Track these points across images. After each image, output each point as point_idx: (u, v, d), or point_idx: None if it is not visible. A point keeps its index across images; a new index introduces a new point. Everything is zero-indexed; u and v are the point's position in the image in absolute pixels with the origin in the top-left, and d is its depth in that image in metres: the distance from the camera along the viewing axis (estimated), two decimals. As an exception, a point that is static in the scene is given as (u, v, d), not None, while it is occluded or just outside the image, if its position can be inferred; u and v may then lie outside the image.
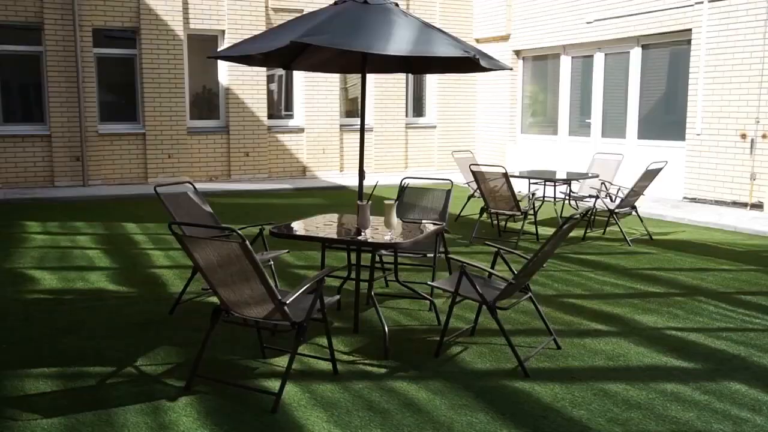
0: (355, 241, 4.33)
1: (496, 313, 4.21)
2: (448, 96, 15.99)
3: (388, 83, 15.19)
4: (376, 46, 3.95)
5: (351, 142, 15.05)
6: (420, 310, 5.46)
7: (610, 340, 4.78)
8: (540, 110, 14.86)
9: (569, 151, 13.84)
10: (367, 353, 4.47)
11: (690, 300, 5.78)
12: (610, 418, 3.57)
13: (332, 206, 11.06)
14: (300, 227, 4.85)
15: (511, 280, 4.21)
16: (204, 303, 5.57)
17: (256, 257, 3.48)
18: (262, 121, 13.99)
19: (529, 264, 4.29)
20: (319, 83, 14.47)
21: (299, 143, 14.51)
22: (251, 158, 13.99)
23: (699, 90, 10.88)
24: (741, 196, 10.42)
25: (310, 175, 14.63)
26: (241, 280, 3.63)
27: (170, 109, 13.20)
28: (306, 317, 3.76)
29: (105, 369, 4.17)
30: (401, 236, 4.52)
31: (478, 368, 4.24)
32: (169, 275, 6.49)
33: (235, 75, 13.63)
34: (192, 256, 3.67)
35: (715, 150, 10.73)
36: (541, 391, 3.89)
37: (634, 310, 5.50)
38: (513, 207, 8.17)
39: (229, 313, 3.92)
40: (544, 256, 4.25)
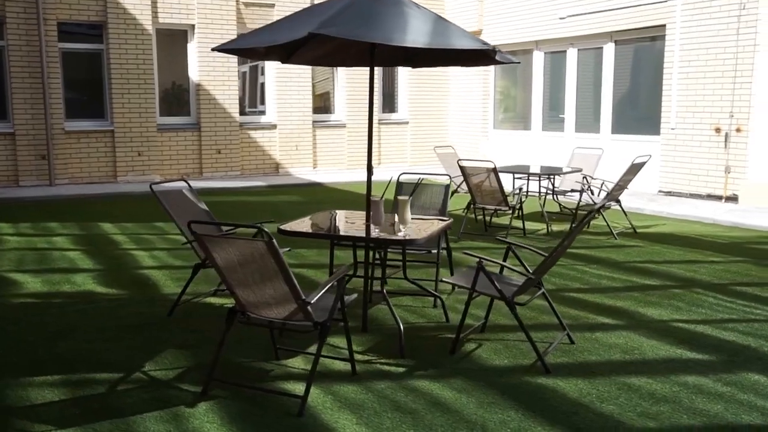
0: (376, 238, 4.22)
1: (515, 309, 4.16)
2: (420, 91, 15.95)
3: (360, 78, 15.08)
4: (394, 37, 3.85)
5: (323, 139, 14.89)
6: (424, 307, 5.38)
7: (621, 333, 4.77)
8: (512, 106, 14.93)
9: (542, 146, 13.92)
10: (381, 352, 4.38)
11: (688, 292, 5.83)
12: (641, 412, 3.54)
13: (310, 203, 10.91)
14: (307, 225, 4.73)
15: (530, 274, 4.16)
16: (202, 304, 5.40)
17: (282, 256, 3.35)
18: (234, 118, 13.73)
19: (548, 259, 4.25)
20: (291, 78, 14.28)
21: (272, 140, 14.29)
22: (223, 155, 13.73)
23: (673, 85, 11.04)
24: (716, 189, 10.61)
25: (283, 172, 14.43)
26: (264, 280, 3.50)
27: (139, 106, 12.86)
28: (329, 317, 3.65)
29: (111, 375, 3.99)
30: (414, 232, 4.44)
31: (496, 365, 4.19)
32: (158, 276, 6.29)
33: (205, 71, 13.35)
34: (210, 255, 3.52)
35: (690, 144, 10.90)
36: (565, 387, 3.85)
37: (636, 303, 5.51)
38: (501, 202, 8.15)
39: (245, 314, 3.78)
40: (563, 251, 4.21)
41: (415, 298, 5.57)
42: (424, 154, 16.11)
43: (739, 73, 10.15)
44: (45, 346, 4.46)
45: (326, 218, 5.01)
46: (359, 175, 14.50)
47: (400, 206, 4.32)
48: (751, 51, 9.99)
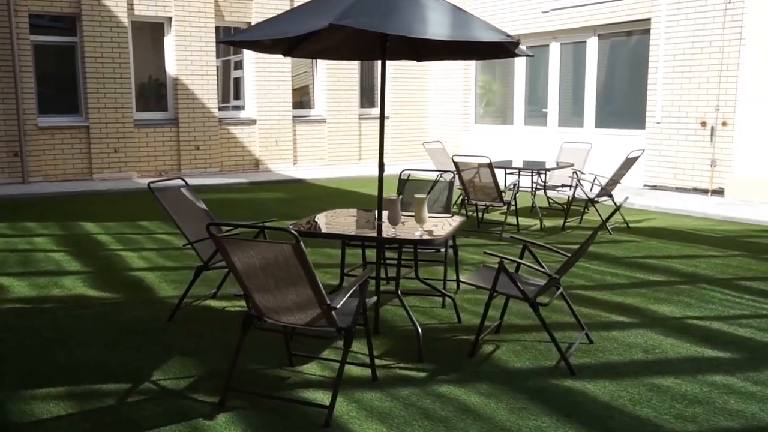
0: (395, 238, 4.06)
1: (538, 310, 4.04)
2: (401, 86, 15.80)
3: (341, 72, 14.87)
4: (415, 29, 3.69)
5: (303, 134, 14.66)
6: (432, 307, 5.24)
7: (638, 332, 4.69)
8: (494, 100, 14.86)
9: (525, 141, 13.88)
10: (398, 356, 4.22)
11: (695, 288, 5.78)
12: (677, 414, 3.45)
13: (296, 200, 10.70)
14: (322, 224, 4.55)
15: (554, 274, 4.04)
16: (202, 308, 5.19)
17: (309, 259, 3.17)
18: (213, 113, 13.43)
19: (571, 258, 4.13)
20: (271, 73, 14.01)
21: (251, 135, 14.01)
22: (202, 151, 13.42)
23: (658, 79, 11.05)
24: (702, 183, 10.66)
25: (263, 168, 14.17)
26: (287, 285, 3.32)
27: (115, 101, 12.48)
28: (353, 322, 3.48)
29: (118, 385, 3.77)
30: (432, 231, 4.29)
31: (518, 367, 4.06)
32: (151, 278, 6.04)
33: (183, 64, 13.02)
34: (229, 259, 3.33)
35: (676, 138, 10.93)
36: (594, 390, 3.74)
37: (646, 299, 5.44)
38: (495, 198, 8.05)
39: (261, 319, 3.60)
40: (586, 249, 4.10)
41: (422, 298, 5.43)
42: (404, 150, 15.97)
43: (725, 66, 10.19)
44: (43, 355, 4.21)
45: (336, 217, 4.84)
46: (340, 170, 14.31)
47: (417, 205, 4.16)
48: (737, 45, 10.03)
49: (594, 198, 8.28)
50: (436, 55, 5.07)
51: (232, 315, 5.01)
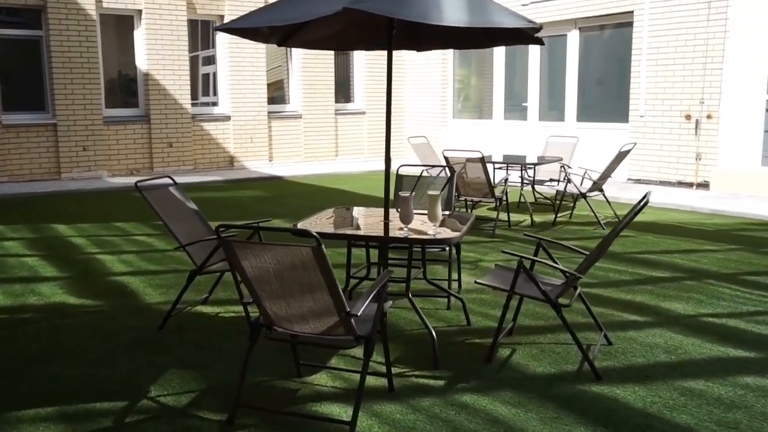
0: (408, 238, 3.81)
1: (561, 311, 3.83)
2: (376, 81, 15.53)
3: (316, 67, 14.55)
4: (432, 16, 3.44)
5: (279, 130, 14.31)
6: (437, 309, 5.00)
7: (655, 331, 4.51)
8: (473, 94, 14.68)
9: (504, 135, 13.73)
10: (410, 363, 3.98)
11: (702, 284, 5.63)
12: (718, 421, 3.26)
13: (275, 198, 10.38)
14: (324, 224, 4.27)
15: (577, 272, 3.83)
16: (194, 315, 4.87)
17: (329, 264, 2.90)
18: (186, 109, 13.00)
19: (591, 256, 3.93)
20: (245, 68, 13.63)
21: (225, 132, 13.62)
22: (175, 149, 12.99)
23: (642, 72, 10.97)
24: (686, 177, 10.61)
25: (239, 165, 13.79)
26: (303, 292, 3.05)
27: (84, 97, 11.99)
28: (372, 330, 3.22)
29: (113, 403, 3.46)
30: (446, 230, 4.05)
31: (540, 372, 3.85)
32: (135, 283, 5.70)
33: (154, 59, 12.57)
34: (238, 264, 3.05)
35: (660, 131, 10.87)
36: (625, 395, 3.54)
37: (655, 297, 5.28)
38: (487, 194, 7.84)
39: (271, 329, 3.32)
40: (608, 246, 3.89)
41: (424, 300, 5.18)
42: (381, 145, 15.71)
43: (710, 59, 10.14)
44: (27, 371, 3.87)
45: (342, 216, 4.57)
46: (317, 167, 14.00)
47: (430, 202, 3.92)
48: (722, 37, 9.98)
49: (586, 193, 8.13)
50: (437, 44, 4.83)
51: (228, 322, 4.71)
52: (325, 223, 4.37)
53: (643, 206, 3.72)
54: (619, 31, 11.55)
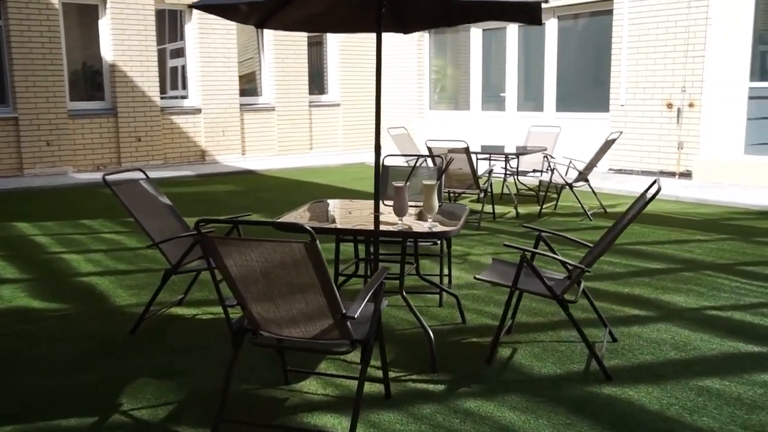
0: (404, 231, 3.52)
1: (567, 308, 3.57)
2: (351, 72, 15.20)
3: (288, 58, 14.17)
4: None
5: (251, 123, 13.91)
6: (429, 306, 4.73)
7: (660, 326, 4.29)
8: (449, 85, 14.43)
9: (482, 126, 13.50)
10: (405, 365, 3.70)
11: (699, 275, 5.44)
12: (742, 424, 3.03)
13: (250, 192, 10.02)
14: (306, 217, 3.97)
15: (585, 266, 3.57)
16: (168, 317, 4.53)
17: (324, 261, 2.61)
18: (155, 102, 12.54)
19: (596, 248, 3.68)
20: (216, 59, 13.20)
21: (196, 125, 13.18)
22: (144, 143, 12.52)
23: (622, 60, 10.81)
24: (668, 166, 10.48)
25: (210, 159, 13.36)
26: (293, 292, 2.74)
27: (46, 90, 11.48)
28: (370, 333, 2.93)
29: (83, 419, 3.12)
30: (441, 222, 3.77)
31: (545, 373, 3.59)
32: (103, 284, 5.33)
33: (120, 50, 12.08)
34: (221, 263, 2.73)
35: (641, 120, 10.72)
36: (639, 397, 3.30)
37: (653, 289, 5.07)
38: (471, 185, 7.59)
39: (257, 333, 3.01)
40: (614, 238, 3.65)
41: (415, 296, 4.91)
42: (357, 138, 15.40)
43: (691, 46, 10.00)
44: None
45: (326, 209, 4.27)
46: (291, 161, 13.65)
47: (426, 192, 3.63)
48: (704, 24, 9.84)
49: (572, 183, 7.92)
50: (425, 24, 4.53)
51: (206, 324, 4.39)
52: (309, 216, 4.06)
53: (654, 196, 3.48)
54: (598, 19, 11.37)
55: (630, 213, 3.65)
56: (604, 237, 3.84)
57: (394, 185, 3.56)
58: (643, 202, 3.56)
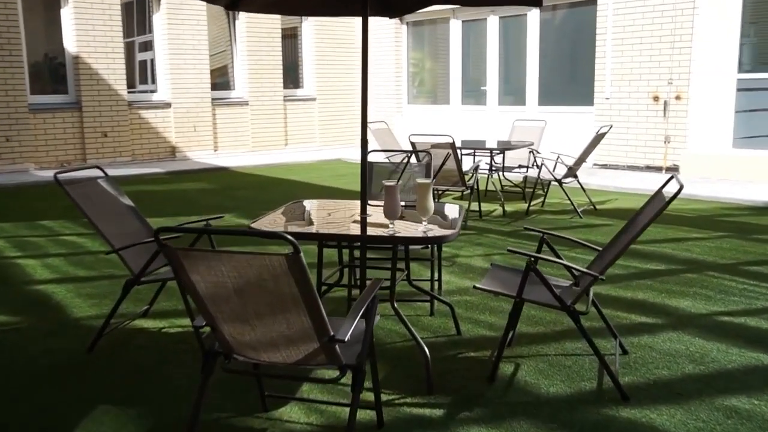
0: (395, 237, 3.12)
1: (579, 320, 3.20)
2: (327, 65, 14.74)
3: (262, 51, 13.67)
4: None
5: (224, 118, 13.40)
6: (419, 315, 4.34)
7: (670, 335, 3.95)
8: (428, 78, 14.05)
9: (462, 121, 13.15)
10: (398, 386, 3.30)
11: (704, 276, 5.12)
12: (782, 452, 2.69)
13: (222, 191, 9.54)
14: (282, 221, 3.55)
15: (598, 273, 3.20)
16: (131, 331, 4.09)
17: (310, 277, 2.20)
18: (122, 96, 11.98)
19: (608, 254, 3.32)
20: (186, 51, 12.66)
21: (166, 120, 12.64)
22: (110, 139, 11.95)
23: (607, 52, 10.51)
24: (655, 161, 10.21)
25: (181, 156, 12.83)
26: (273, 311, 2.34)
27: (5, 82, 10.86)
28: (362, 357, 2.53)
29: (26, 459, 2.68)
30: (438, 225, 3.38)
31: (555, 393, 3.22)
32: (61, 293, 4.86)
33: (85, 41, 11.50)
34: (186, 278, 2.31)
35: (626, 114, 10.43)
36: (662, 421, 2.94)
37: (657, 293, 4.74)
38: (457, 182, 7.21)
39: (230, 357, 2.60)
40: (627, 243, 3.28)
41: (404, 305, 4.51)
42: (334, 133, 14.96)
43: (678, 37, 9.73)
44: None
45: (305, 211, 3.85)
46: (266, 157, 13.17)
47: (420, 192, 3.23)
48: (690, 14, 9.57)
49: (561, 179, 7.58)
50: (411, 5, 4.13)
51: (175, 338, 3.95)
52: (287, 220, 3.64)
53: (675, 195, 3.12)
54: (581, 9, 11.06)
55: (646, 213, 3.30)
56: (616, 240, 3.48)
57: (384, 184, 3.16)
58: (663, 203, 3.21)
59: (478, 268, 5.43)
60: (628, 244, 3.15)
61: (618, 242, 3.43)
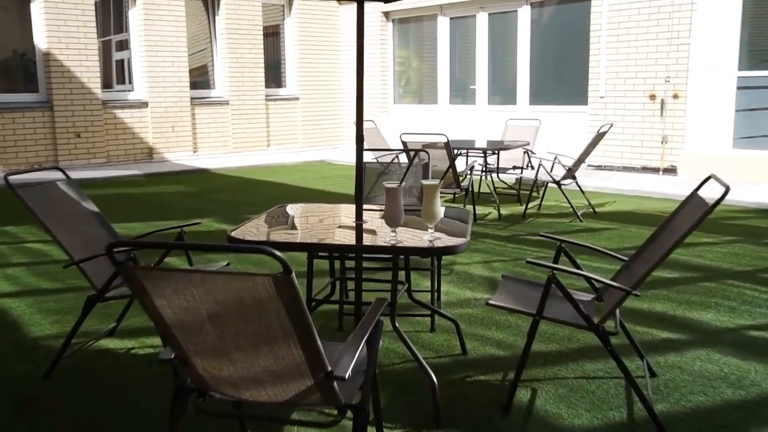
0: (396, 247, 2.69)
1: (609, 342, 2.79)
2: (311, 64, 14.29)
3: (243, 48, 13.19)
4: None
5: (204, 118, 12.89)
6: (419, 331, 3.92)
7: (700, 353, 3.56)
8: (415, 77, 13.64)
9: (451, 121, 12.76)
10: (400, 418, 2.87)
11: (722, 285, 4.75)
12: None
13: (202, 194, 9.06)
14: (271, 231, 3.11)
15: (632, 289, 2.79)
16: (95, 353, 3.63)
17: (303, 302, 1.77)
18: (96, 94, 11.44)
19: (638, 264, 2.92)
20: (164, 48, 12.15)
21: (143, 120, 12.11)
22: (84, 139, 11.41)
23: (602, 49, 10.16)
24: (652, 161, 9.87)
25: (159, 157, 12.31)
26: (257, 344, 1.90)
27: (-29, 80, 10.31)
28: (365, 395, 2.10)
29: None
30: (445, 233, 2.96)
31: (581, 426, 2.81)
32: (20, 308, 4.38)
33: (56, 37, 10.96)
34: (150, 303, 1.87)
35: (622, 113, 10.09)
36: (709, 460, 2.55)
37: (676, 304, 4.35)
38: (451, 183, 6.81)
39: (205, 395, 2.16)
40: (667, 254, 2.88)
41: (403, 319, 4.09)
42: (318, 134, 14.51)
43: (676, 34, 9.40)
44: None
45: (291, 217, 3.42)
46: (247, 158, 12.69)
47: (426, 195, 2.81)
48: (689, 10, 9.25)
49: (560, 180, 7.20)
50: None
51: (144, 361, 3.49)
52: (271, 229, 3.20)
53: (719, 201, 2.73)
54: (575, 5, 10.71)
55: (681, 220, 2.90)
56: (645, 250, 3.08)
57: (386, 186, 2.73)
58: (703, 207, 2.81)
59: (478, 277, 5.02)
60: (666, 254, 2.75)
61: (647, 252, 3.03)
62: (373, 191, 4.60)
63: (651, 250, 3.02)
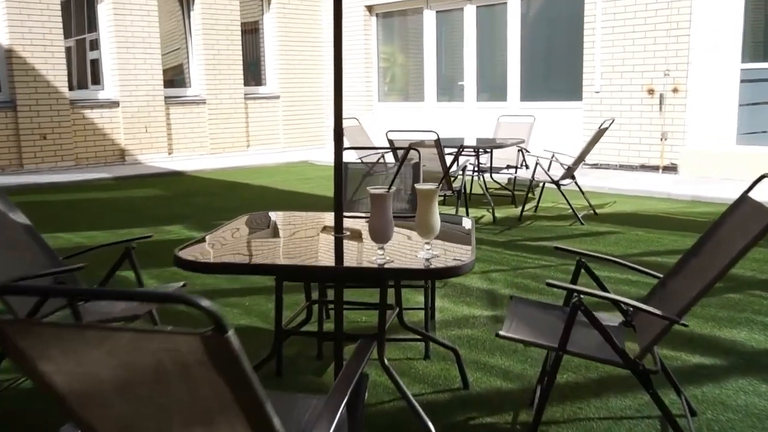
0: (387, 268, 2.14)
1: (651, 384, 2.25)
2: (292, 61, 13.70)
3: (220, 44, 12.58)
4: None
5: (179, 118, 12.27)
6: (411, 359, 3.37)
7: (740, 383, 3.03)
8: (401, 74, 13.10)
9: (438, 119, 12.22)
10: (393, 478, 2.32)
11: (749, 297, 4.24)
12: None
13: (176, 197, 8.47)
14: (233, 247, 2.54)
15: (678, 318, 2.25)
16: (24, 395, 3.04)
17: (247, 366, 1.20)
18: (63, 94, 10.79)
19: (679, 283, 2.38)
20: (135, 44, 11.51)
21: (113, 120, 11.47)
22: (50, 141, 10.76)
23: (596, 41, 9.67)
24: (650, 159, 9.38)
25: (131, 160, 11.67)
26: (187, 422, 1.33)
27: (-73, 79, 9.64)
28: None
29: None
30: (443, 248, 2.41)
31: (614, 485, 2.27)
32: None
33: (19, 33, 10.30)
34: (30, 368, 1.30)
35: (618, 109, 9.60)
36: None
37: (703, 321, 3.83)
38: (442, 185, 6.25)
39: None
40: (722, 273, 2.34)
41: (392, 345, 3.53)
42: (300, 133, 13.93)
43: (675, 24, 8.91)
44: None
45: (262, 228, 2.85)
46: (226, 160, 12.09)
47: (422, 202, 2.26)
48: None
49: (558, 180, 6.68)
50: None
51: (80, 405, 2.90)
52: (232, 243, 2.63)
53: None
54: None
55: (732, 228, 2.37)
56: (686, 264, 2.54)
57: (370, 192, 2.18)
58: (764, 217, 2.27)
59: (476, 290, 4.48)
60: (720, 274, 2.21)
61: (690, 268, 2.50)
62: (357, 194, 4.05)
63: (695, 265, 2.48)
